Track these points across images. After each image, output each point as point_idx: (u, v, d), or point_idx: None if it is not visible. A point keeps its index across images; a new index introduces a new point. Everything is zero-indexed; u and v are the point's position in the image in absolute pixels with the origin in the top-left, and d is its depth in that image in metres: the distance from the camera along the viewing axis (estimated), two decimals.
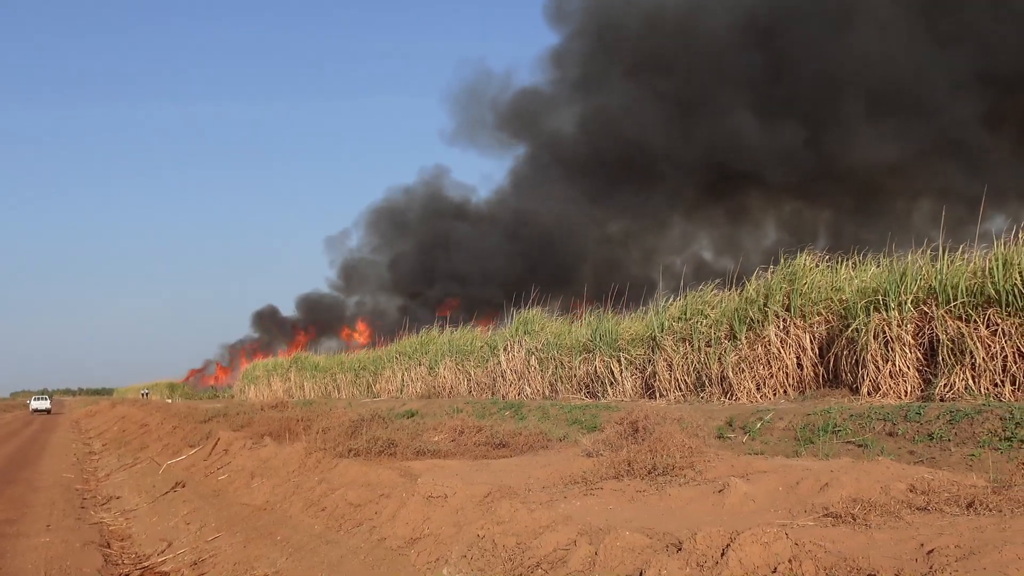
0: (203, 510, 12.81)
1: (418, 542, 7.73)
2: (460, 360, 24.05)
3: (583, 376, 18.37)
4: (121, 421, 38.93)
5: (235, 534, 10.78)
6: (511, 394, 20.43)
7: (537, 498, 7.82)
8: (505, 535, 6.86)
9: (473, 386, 23.09)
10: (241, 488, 12.93)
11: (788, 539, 4.98)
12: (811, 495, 6.67)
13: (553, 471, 9.37)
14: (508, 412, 16.78)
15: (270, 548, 9.61)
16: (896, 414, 10.06)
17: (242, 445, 15.53)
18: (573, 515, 6.92)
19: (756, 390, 13.89)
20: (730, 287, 15.35)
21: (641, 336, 16.80)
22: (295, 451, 12.91)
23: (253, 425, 18.24)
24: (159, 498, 15.09)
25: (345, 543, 8.65)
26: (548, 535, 6.44)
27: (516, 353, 20.81)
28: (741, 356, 14.10)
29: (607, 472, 8.44)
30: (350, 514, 9.35)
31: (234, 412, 23.78)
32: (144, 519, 13.83)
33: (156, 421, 29.84)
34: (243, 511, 11.74)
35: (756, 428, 11.35)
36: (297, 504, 10.70)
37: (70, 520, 13.87)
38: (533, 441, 12.35)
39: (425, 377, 25.79)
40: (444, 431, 13.55)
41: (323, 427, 14.28)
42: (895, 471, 6.92)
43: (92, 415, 57.98)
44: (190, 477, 15.72)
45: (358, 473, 10.41)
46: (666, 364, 15.79)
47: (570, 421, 14.47)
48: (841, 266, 13.79)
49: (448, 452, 12.21)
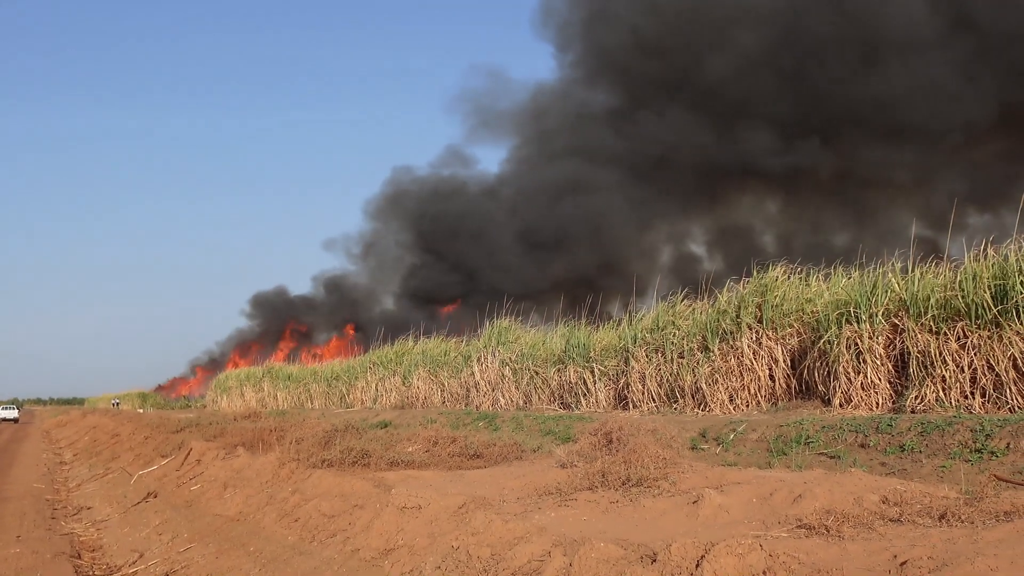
0: (175, 521, 12.72)
1: (392, 553, 7.72)
2: (434, 370, 24.02)
3: (557, 387, 18.39)
4: (92, 431, 38.56)
5: (208, 545, 10.71)
6: (485, 405, 20.42)
7: (511, 509, 7.83)
8: (480, 546, 6.86)
9: (447, 396, 23.06)
10: (214, 499, 12.85)
11: (762, 550, 5.02)
12: (785, 506, 6.71)
13: (527, 482, 9.38)
14: (482, 423, 16.77)
15: (243, 559, 9.56)
16: (868, 426, 10.14)
17: (215, 455, 15.43)
18: (547, 526, 6.93)
19: (729, 401, 13.96)
20: (704, 297, 15.44)
21: (614, 347, 16.85)
22: (268, 461, 12.85)
23: (226, 435, 18.11)
24: (131, 508, 14.96)
25: (319, 554, 8.61)
26: (523, 546, 6.45)
27: (490, 364, 20.81)
28: (714, 367, 14.16)
29: (581, 483, 8.46)
30: (324, 525, 9.32)
31: (207, 422, 23.61)
32: (115, 530, 13.71)
33: (128, 431, 29.59)
34: (216, 522, 11.67)
35: (729, 439, 11.41)
36: (270, 515, 10.65)
37: (40, 531, 13.72)
38: (507, 452, 12.34)
39: (399, 387, 25.74)
40: (418, 442, 13.51)
41: (296, 437, 14.20)
42: (868, 483, 6.97)
43: (63, 425, 57.38)
44: (162, 487, 15.59)
45: (332, 484, 10.37)
46: (639, 375, 15.83)
47: (544, 432, 14.49)
48: (812, 278, 13.90)
49: (422, 463, 12.17)
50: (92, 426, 41.22)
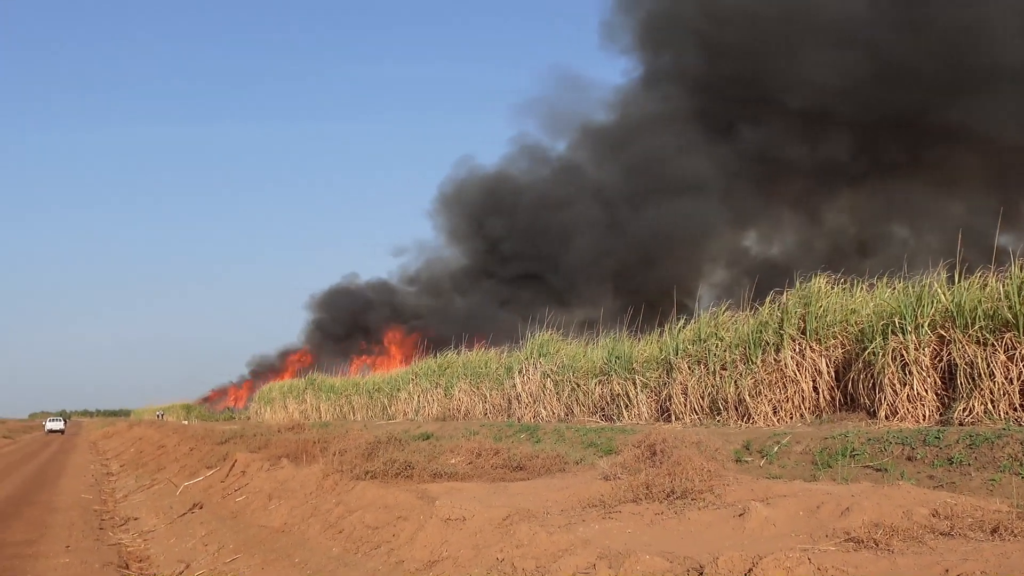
0: (221, 532, 12.83)
1: (436, 565, 7.74)
2: (476, 382, 24.05)
3: (599, 399, 18.34)
4: (138, 442, 39.04)
5: (253, 556, 10.79)
6: (527, 416, 20.40)
7: (555, 521, 7.82)
8: (524, 558, 6.87)
9: (488, 408, 23.08)
10: (259, 510, 12.96)
11: (811, 563, 4.98)
12: (832, 519, 6.65)
13: (571, 494, 9.37)
14: (524, 435, 16.77)
15: (288, 570, 9.62)
16: (915, 438, 10.02)
17: (259, 467, 15.56)
18: (592, 538, 6.93)
19: (772, 413, 13.84)
20: (747, 308, 15.32)
21: (656, 359, 16.78)
22: (312, 473, 12.93)
23: (270, 447, 18.25)
24: (177, 519, 15.12)
25: (363, 565, 8.65)
26: (567, 558, 6.45)
27: (531, 375, 20.79)
28: (757, 379, 14.06)
29: (625, 495, 8.44)
30: (368, 536, 9.36)
31: (251, 434, 23.79)
32: (162, 540, 13.86)
33: (173, 442, 29.92)
34: (261, 533, 11.76)
35: (773, 452, 11.31)
36: (315, 526, 10.71)
37: (89, 541, 13.91)
38: (550, 464, 12.33)
39: (441, 399, 25.79)
40: (461, 453, 13.54)
41: (340, 449, 14.28)
42: (917, 496, 6.90)
43: (109, 436, 58.16)
44: (208, 499, 15.74)
45: (375, 495, 10.42)
46: (681, 387, 15.75)
47: (586, 444, 14.45)
48: (857, 288, 13.77)
49: (465, 475, 12.20)
50: (138, 437, 41.74)
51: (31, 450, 49.28)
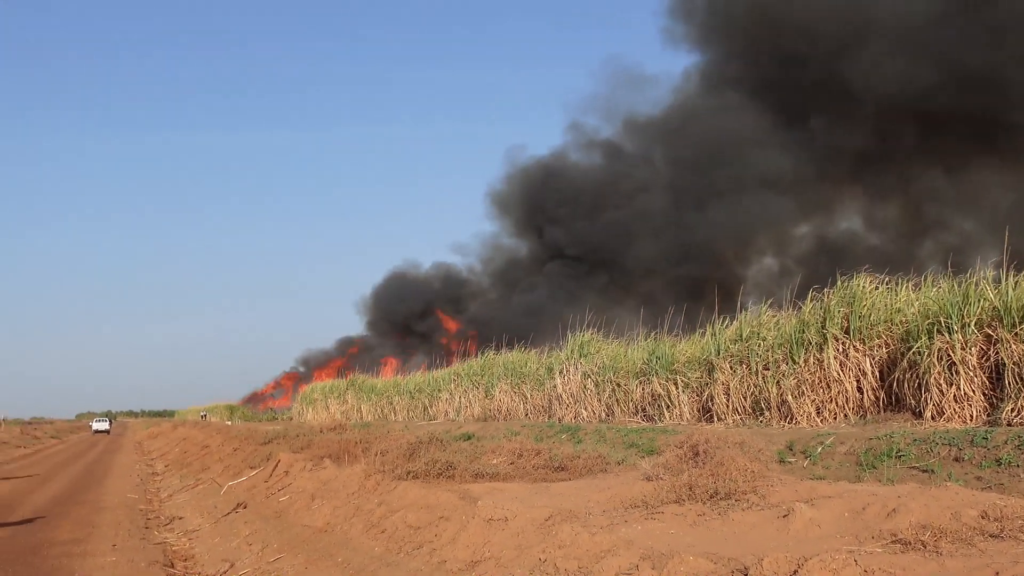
0: (264, 531, 12.94)
1: (479, 565, 7.75)
2: (516, 383, 24.05)
3: (640, 399, 18.28)
4: (182, 443, 39.46)
5: (296, 555, 10.87)
6: (567, 417, 20.37)
7: (598, 522, 7.80)
8: (567, 559, 6.86)
9: (529, 409, 23.06)
10: (302, 509, 13.05)
11: (857, 565, 4.93)
12: (878, 521, 6.58)
13: (613, 495, 9.34)
14: (565, 435, 16.74)
15: (331, 570, 9.68)
16: (962, 439, 9.89)
17: (302, 467, 15.66)
18: (635, 539, 6.90)
19: (816, 414, 13.72)
20: (790, 306, 15.19)
21: (697, 359, 16.69)
22: (354, 473, 13.00)
23: (312, 447, 18.37)
24: (221, 519, 15.27)
25: (406, 565, 8.68)
26: (610, 559, 6.43)
27: (572, 376, 20.76)
28: (800, 379, 13.94)
29: (668, 496, 8.40)
30: (410, 536, 9.40)
31: (293, 434, 23.97)
32: (207, 539, 14.00)
33: (217, 443, 30.21)
34: (304, 532, 11.84)
35: (817, 453, 11.21)
36: (357, 526, 10.77)
37: (135, 540, 14.09)
38: (592, 464, 12.31)
39: (482, 400, 25.81)
40: (502, 454, 13.55)
41: (381, 449, 14.33)
42: (965, 497, 6.80)
43: (154, 436, 58.87)
44: (251, 498, 15.88)
45: (417, 495, 10.45)
46: (723, 387, 15.66)
47: (627, 444, 14.41)
48: (901, 287, 13.60)
49: (507, 475, 12.20)
50: (182, 438, 42.18)
51: (78, 450, 50.04)
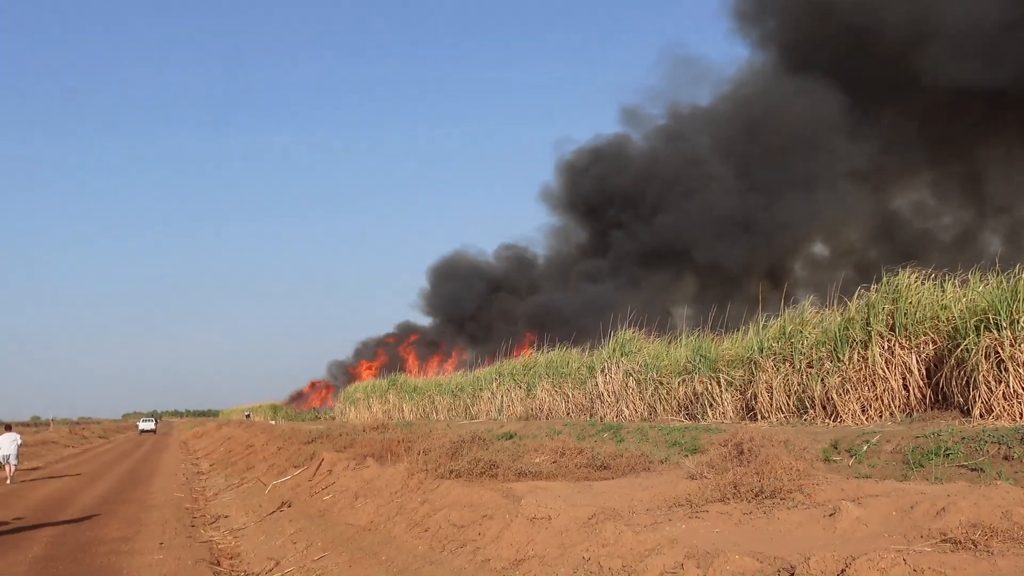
0: (309, 530, 13.03)
1: (523, 564, 7.75)
2: (558, 382, 24.02)
3: (682, 397, 18.18)
4: (227, 442, 39.82)
5: (341, 554, 10.93)
6: (609, 416, 20.31)
7: (641, 520, 7.77)
8: (611, 558, 6.84)
9: (571, 408, 23.02)
10: (345, 508, 13.12)
11: (906, 565, 4.86)
12: (927, 520, 6.49)
13: (656, 493, 9.31)
14: (607, 434, 16.70)
15: (375, 568, 9.73)
16: (1012, 437, 9.73)
17: (345, 466, 15.75)
18: (679, 538, 6.87)
19: (861, 412, 13.56)
20: (835, 303, 15.03)
21: (741, 357, 16.57)
22: (398, 472, 13.05)
23: (355, 446, 18.46)
24: (266, 517, 15.39)
25: (449, 564, 8.70)
26: (654, 558, 6.40)
27: (613, 375, 20.70)
28: (844, 377, 13.79)
29: (712, 495, 8.35)
30: (453, 535, 9.41)
31: (336, 433, 24.10)
32: (252, 538, 14.12)
33: (261, 442, 30.46)
34: (348, 531, 11.91)
35: (862, 451, 11.08)
36: (400, 524, 10.81)
37: (181, 538, 14.25)
38: (635, 463, 12.27)
39: (524, 399, 25.81)
40: (545, 453, 13.53)
41: (424, 448, 14.37)
42: (1016, 496, 6.68)
43: (199, 436, 59.46)
44: (296, 497, 15.99)
45: (460, 494, 10.47)
46: (766, 385, 15.53)
47: (670, 443, 14.34)
48: (948, 283, 13.40)
49: (550, 474, 12.19)
50: (227, 437, 42.57)
51: (124, 449, 50.74)
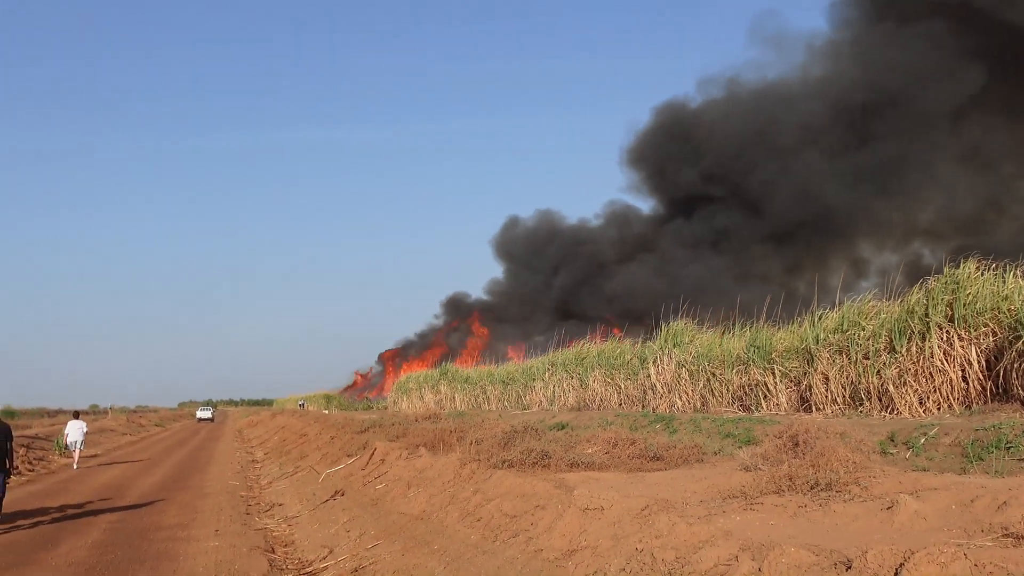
0: (362, 518, 13.13)
1: (575, 554, 7.74)
2: (610, 372, 23.95)
3: (736, 389, 18.04)
4: (281, 431, 40.26)
5: (393, 542, 11.00)
6: (661, 407, 20.22)
7: (695, 512, 7.73)
8: (664, 549, 6.80)
9: (623, 398, 22.95)
10: (398, 497, 13.20)
11: (967, 559, 4.77)
12: (988, 514, 6.37)
13: (710, 485, 9.25)
14: (659, 425, 16.61)
15: (428, 557, 9.77)
16: None
17: (398, 455, 15.85)
18: (733, 530, 6.82)
19: (918, 404, 13.35)
20: (890, 297, 14.81)
21: (796, 348, 16.39)
22: (450, 462, 13.10)
23: (408, 436, 18.58)
24: (319, 506, 15.53)
25: (502, 553, 8.71)
26: (708, 550, 6.36)
27: (666, 366, 20.59)
28: (902, 369, 13.58)
29: (767, 487, 8.27)
30: (506, 525, 9.43)
31: (389, 423, 24.26)
32: (306, 526, 14.25)
33: (315, 431, 30.75)
34: (400, 520, 11.98)
35: (920, 444, 10.91)
36: (453, 514, 10.85)
37: (237, 525, 14.43)
38: (688, 454, 12.20)
39: (577, 389, 25.77)
40: (597, 443, 13.51)
41: (476, 438, 14.42)
42: None
43: (254, 425, 60.18)
44: (349, 486, 16.12)
45: (513, 484, 10.48)
46: (822, 377, 15.35)
47: (723, 435, 14.23)
48: (1009, 274, 13.13)
49: (602, 464, 12.16)
50: (281, 426, 43.03)
51: (181, 437, 51.51)
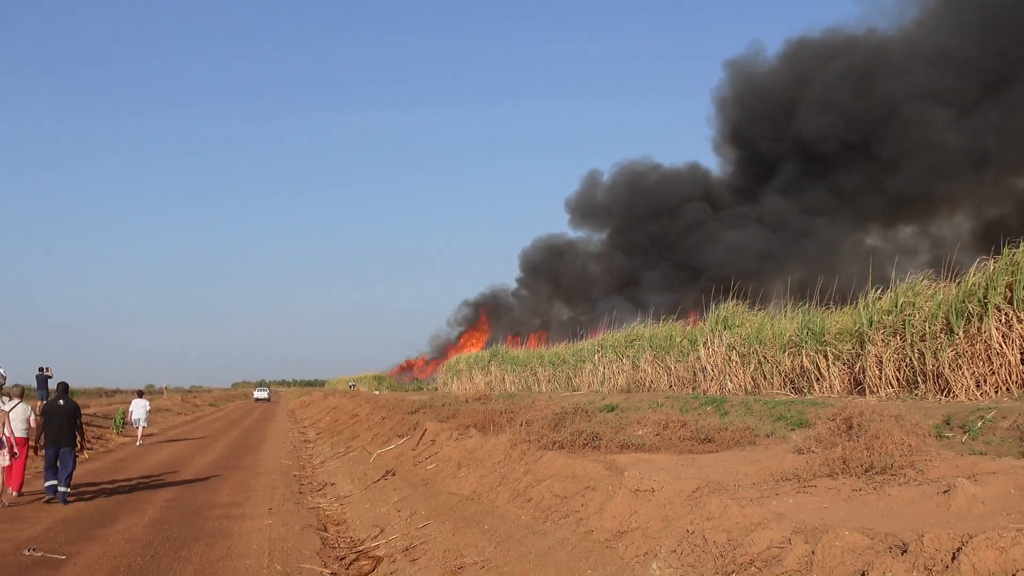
0: (412, 498, 13.21)
1: (626, 535, 7.72)
2: (660, 354, 23.86)
3: (788, 371, 17.88)
4: (333, 411, 40.65)
5: (444, 522, 11.06)
6: (712, 389, 20.11)
7: (747, 494, 7.67)
8: (715, 531, 6.77)
9: (673, 381, 22.86)
10: (448, 478, 13.26)
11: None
12: None
13: (762, 467, 9.17)
14: (710, 407, 16.53)
15: (478, 537, 9.81)
16: None
17: (448, 436, 15.92)
18: (786, 513, 6.76)
19: (975, 387, 13.14)
20: (946, 278, 14.56)
21: (849, 330, 16.19)
22: (500, 443, 13.13)
23: (458, 417, 18.65)
24: (371, 485, 15.66)
25: (552, 534, 8.72)
26: (761, 532, 6.31)
27: (716, 348, 20.46)
28: (958, 351, 13.36)
29: (820, 470, 8.18)
30: (556, 505, 9.43)
31: (439, 404, 24.37)
32: (357, 505, 14.38)
33: (366, 412, 30.99)
34: (451, 500, 12.04)
35: (977, 427, 10.74)
36: (503, 495, 10.88)
37: (289, 504, 14.60)
38: (739, 437, 12.11)
39: (627, 371, 25.70)
40: (648, 425, 13.46)
41: (526, 419, 14.43)
42: None
43: (306, 405, 60.86)
44: (399, 466, 16.24)
45: (563, 465, 10.49)
46: (875, 359, 15.16)
47: (775, 417, 14.12)
48: None
49: (652, 446, 12.12)
50: (332, 407, 43.43)
51: (234, 418, 52.23)
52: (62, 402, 15.21)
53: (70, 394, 15.77)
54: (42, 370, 30.86)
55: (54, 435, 14.86)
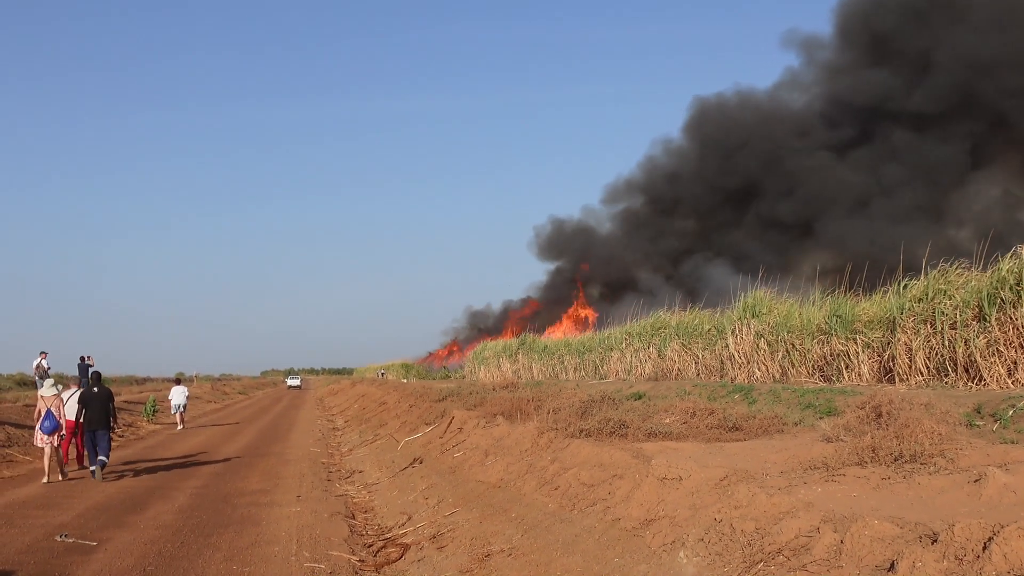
0: (440, 486, 13.25)
1: (653, 524, 7.71)
2: (687, 342, 23.78)
3: (817, 359, 17.76)
4: (361, 399, 40.83)
5: (471, 510, 11.08)
6: (740, 377, 20.02)
7: (775, 483, 7.63)
8: (743, 520, 6.74)
9: (700, 369, 22.78)
10: (475, 465, 13.28)
11: None
12: None
13: (790, 456, 9.12)
14: (738, 395, 16.45)
15: (505, 524, 9.82)
16: None
17: (476, 424, 15.95)
18: (814, 501, 6.71)
19: (1007, 375, 13.00)
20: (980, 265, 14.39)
21: (879, 318, 16.06)
22: (527, 431, 13.13)
23: (485, 405, 18.67)
24: (398, 473, 15.72)
25: (579, 522, 8.72)
26: (789, 521, 6.27)
27: (744, 336, 20.36)
28: (991, 339, 13.22)
29: (849, 458, 8.12)
30: (583, 494, 9.43)
31: (466, 392, 24.43)
32: (385, 493, 14.44)
33: (394, 400, 31.12)
34: (478, 488, 12.06)
35: (1008, 416, 10.63)
36: (530, 483, 10.88)
37: (318, 492, 14.69)
38: (767, 425, 12.05)
39: (655, 359, 25.64)
40: (675, 413, 13.43)
41: (554, 407, 14.44)
42: None
43: (335, 393, 61.16)
44: (427, 454, 16.28)
45: (590, 453, 10.47)
46: (905, 347, 15.03)
47: (803, 405, 14.03)
48: None
49: (680, 434, 12.08)
50: (361, 395, 43.64)
51: (263, 405, 52.59)
52: (96, 389, 16.91)
53: (103, 382, 17.52)
54: (83, 359, 32.40)
55: (91, 419, 16.63)
